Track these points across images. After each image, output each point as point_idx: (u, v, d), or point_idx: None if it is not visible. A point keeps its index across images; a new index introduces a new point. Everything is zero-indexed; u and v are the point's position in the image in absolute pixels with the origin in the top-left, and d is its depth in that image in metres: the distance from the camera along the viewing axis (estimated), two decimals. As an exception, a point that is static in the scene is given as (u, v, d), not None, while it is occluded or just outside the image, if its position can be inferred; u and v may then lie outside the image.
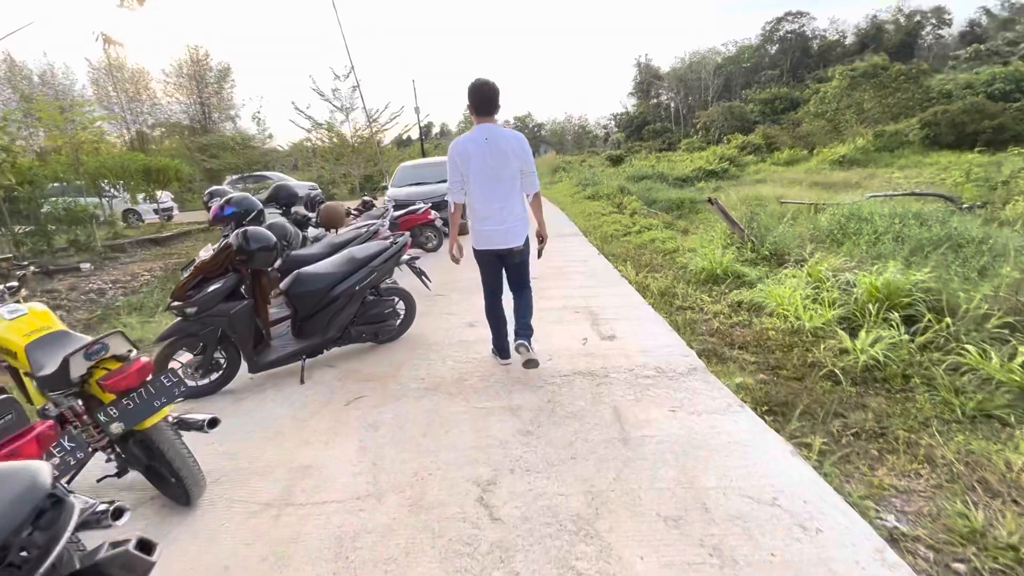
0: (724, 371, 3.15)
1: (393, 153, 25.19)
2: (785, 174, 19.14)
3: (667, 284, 5.10)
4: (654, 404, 2.70)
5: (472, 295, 5.10)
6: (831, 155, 20.34)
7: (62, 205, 9.10)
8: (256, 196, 4.84)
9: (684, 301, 4.66)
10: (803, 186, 14.66)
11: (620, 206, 12.25)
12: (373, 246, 3.71)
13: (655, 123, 61.78)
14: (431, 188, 8.97)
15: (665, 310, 4.38)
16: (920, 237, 6.63)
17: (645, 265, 6.08)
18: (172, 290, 2.97)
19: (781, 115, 43.72)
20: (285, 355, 3.25)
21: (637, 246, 7.37)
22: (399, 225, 7.24)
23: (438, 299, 5.10)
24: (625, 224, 9.25)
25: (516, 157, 2.99)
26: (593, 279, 5.42)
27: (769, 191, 12.66)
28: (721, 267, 5.27)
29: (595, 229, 8.92)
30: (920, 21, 63.24)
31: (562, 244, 7.81)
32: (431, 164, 10.38)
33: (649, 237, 7.77)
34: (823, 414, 2.63)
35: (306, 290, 3.30)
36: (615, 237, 8.21)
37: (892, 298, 3.59)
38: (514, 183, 3.04)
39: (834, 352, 3.27)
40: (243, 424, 2.80)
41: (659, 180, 19.10)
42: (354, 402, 2.95)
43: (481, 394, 2.95)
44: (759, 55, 67.42)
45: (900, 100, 23.86)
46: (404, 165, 10.40)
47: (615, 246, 7.37)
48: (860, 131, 22.57)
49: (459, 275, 6.00)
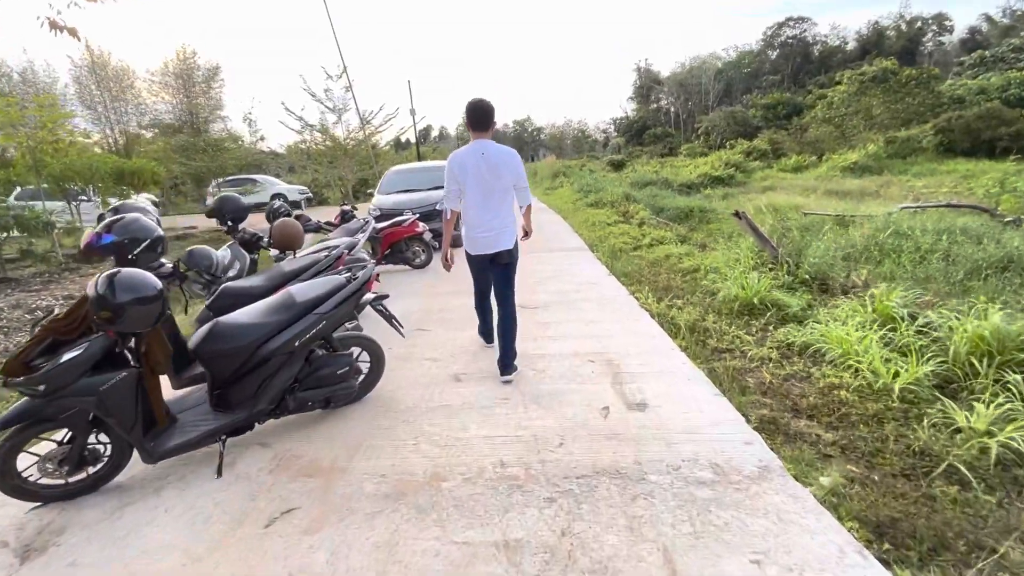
0: (797, 457, 2.31)
1: (390, 156, 24.34)
2: (795, 181, 18.36)
3: (695, 316, 4.26)
4: (724, 546, 1.79)
5: (462, 330, 4.26)
6: (841, 162, 19.58)
7: (11, 212, 8.20)
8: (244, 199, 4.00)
9: (719, 340, 3.82)
10: (818, 194, 13.87)
11: (626, 215, 11.43)
12: (321, 285, 2.78)
13: (655, 128, 61.31)
14: (422, 196, 8.12)
15: (700, 356, 3.53)
16: (975, 257, 5.81)
17: (663, 288, 5.24)
18: (5, 362, 2.05)
19: (784, 120, 43.21)
20: (195, 438, 2.32)
21: (651, 263, 6.54)
22: (381, 240, 6.38)
23: (420, 336, 4.23)
24: (634, 236, 8.42)
25: (509, 172, 3.18)
26: (607, 309, 4.57)
27: (784, 200, 11.85)
28: (757, 295, 4.44)
29: (601, 242, 8.08)
30: (921, 28, 63.07)
31: (566, 261, 6.96)
32: (423, 169, 9.52)
33: (663, 252, 6.94)
34: (965, 546, 1.79)
35: (223, 348, 2.34)
36: (624, 251, 7.38)
37: (1005, 352, 2.76)
38: (506, 195, 3.23)
39: (942, 430, 2.44)
40: (99, 571, 1.85)
41: (664, 186, 18.32)
42: (279, 520, 2.03)
43: (463, 511, 2.05)
44: (760, 60, 67.13)
45: (910, 105, 23.16)
46: (393, 170, 9.55)
47: (626, 263, 6.53)
48: (871, 137, 21.84)
49: (447, 302, 5.17)
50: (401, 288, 5.96)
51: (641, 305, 4.64)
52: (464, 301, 5.07)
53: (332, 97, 19.25)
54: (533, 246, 7.99)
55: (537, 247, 8.02)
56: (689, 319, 4.19)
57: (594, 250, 7.51)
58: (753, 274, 5.13)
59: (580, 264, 6.68)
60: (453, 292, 5.67)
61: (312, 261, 3.59)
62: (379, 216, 7.75)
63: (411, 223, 6.49)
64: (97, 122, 22.15)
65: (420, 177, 8.88)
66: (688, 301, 4.76)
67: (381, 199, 8.27)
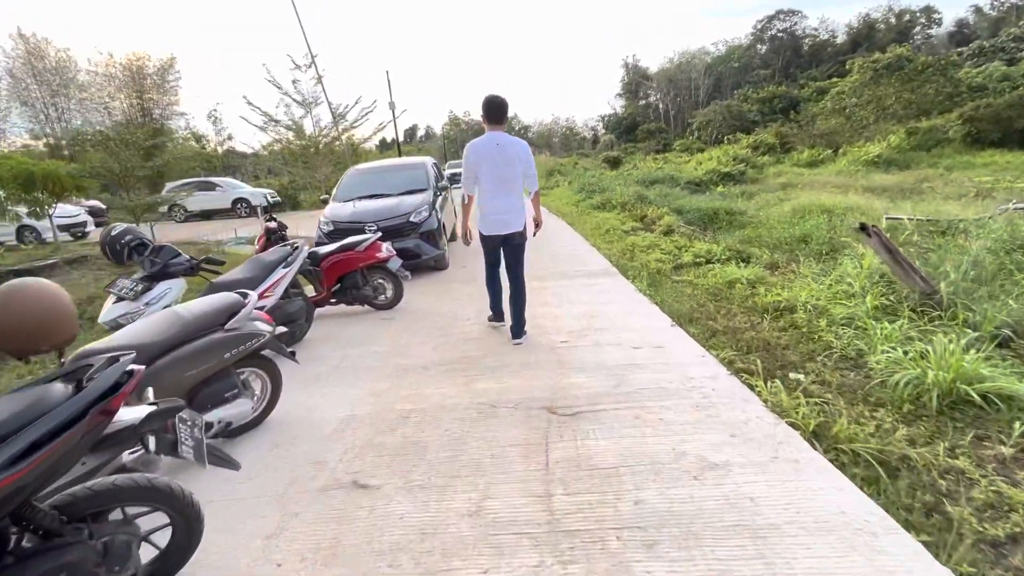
0: None
1: (373, 157, 22.15)
2: (815, 177, 16.63)
3: (869, 429, 2.33)
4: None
5: (463, 478, 2.28)
6: (863, 155, 17.92)
7: None
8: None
9: (938, 483, 1.92)
10: (856, 191, 12.09)
11: (644, 219, 9.52)
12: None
13: (645, 123, 59.89)
14: (390, 204, 6.07)
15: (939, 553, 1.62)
16: None
17: (761, 348, 3.30)
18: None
19: (779, 114, 41.85)
20: None
21: (710, 295, 4.61)
22: (322, 273, 4.36)
23: (362, 502, 2.25)
24: (668, 250, 6.50)
25: (520, 161, 3.53)
26: (701, 412, 2.62)
27: (829, 200, 10.00)
28: (963, 378, 2.53)
29: (630, 260, 6.15)
30: (911, 20, 62.61)
31: (594, 294, 4.94)
32: (394, 168, 7.43)
33: (721, 276, 5.01)
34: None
35: None
36: (665, 274, 5.45)
37: None
38: (516, 181, 3.55)
39: None
40: None
41: (671, 184, 16.51)
42: None
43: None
44: (749, 55, 66.08)
45: (927, 95, 21.64)
46: (355, 170, 7.38)
47: (675, 295, 4.59)
48: (889, 128, 20.25)
49: (428, 387, 3.08)
50: (352, 348, 3.96)
51: (762, 398, 2.67)
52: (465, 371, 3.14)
53: (300, 90, 17.12)
54: (543, 269, 6.02)
55: (548, 269, 6.04)
56: (859, 436, 2.26)
57: (626, 274, 5.56)
58: (899, 323, 3.25)
59: (616, 299, 4.70)
60: (440, 347, 3.72)
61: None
62: (332, 232, 5.72)
63: (369, 246, 4.47)
64: (35, 120, 19.61)
65: (390, 179, 6.82)
66: (823, 382, 2.83)
67: (336, 209, 6.18)
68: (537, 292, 4.77)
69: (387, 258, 4.49)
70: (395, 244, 5.21)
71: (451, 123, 73.38)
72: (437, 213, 6.12)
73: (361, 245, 4.42)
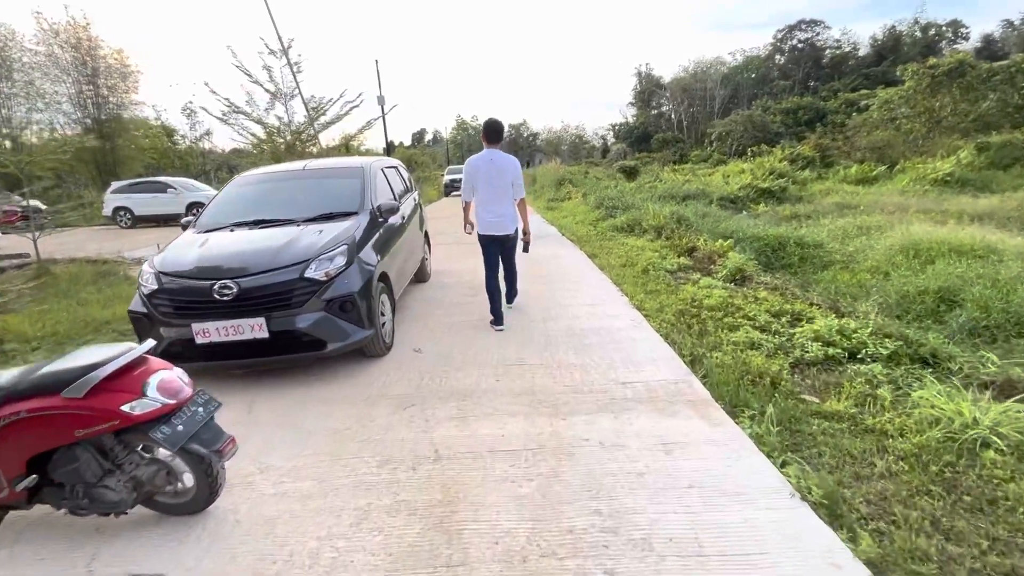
0: None
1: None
2: (875, 197, 13.95)
3: None
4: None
5: None
6: (930, 173, 15.25)
7: None
8: None
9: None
10: (955, 219, 9.42)
11: (692, 253, 6.86)
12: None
13: (659, 133, 57.51)
14: (271, 244, 3.33)
15: None
16: None
17: None
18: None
19: (805, 126, 39.31)
20: None
21: (938, 478, 1.98)
22: None
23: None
24: (762, 323, 3.88)
25: (510, 174, 4.15)
26: None
27: (950, 235, 7.27)
28: None
29: (698, 340, 3.53)
30: (936, 35, 60.18)
31: (669, 474, 2.34)
32: (306, 176, 4.56)
33: (943, 427, 2.38)
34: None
35: None
36: (793, 396, 2.83)
37: None
38: (507, 191, 4.16)
39: None
40: None
41: (704, 200, 13.90)
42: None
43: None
44: (768, 66, 63.68)
45: (991, 106, 18.98)
46: (241, 178, 4.68)
47: (851, 470, 1.99)
48: (951, 142, 17.58)
49: None
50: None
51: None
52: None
53: (275, 78, 14.56)
54: (562, 382, 3.38)
55: (567, 382, 3.42)
56: None
57: (718, 391, 2.91)
58: None
59: (735, 508, 2.07)
60: None
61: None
62: (156, 293, 3.08)
63: (112, 379, 1.79)
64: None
65: (297, 193, 4.21)
66: None
67: (178, 249, 3.50)
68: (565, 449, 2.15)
69: (156, 413, 1.83)
70: (274, 323, 2.62)
71: (458, 127, 71.10)
72: (369, 257, 3.54)
73: (82, 381, 1.75)
